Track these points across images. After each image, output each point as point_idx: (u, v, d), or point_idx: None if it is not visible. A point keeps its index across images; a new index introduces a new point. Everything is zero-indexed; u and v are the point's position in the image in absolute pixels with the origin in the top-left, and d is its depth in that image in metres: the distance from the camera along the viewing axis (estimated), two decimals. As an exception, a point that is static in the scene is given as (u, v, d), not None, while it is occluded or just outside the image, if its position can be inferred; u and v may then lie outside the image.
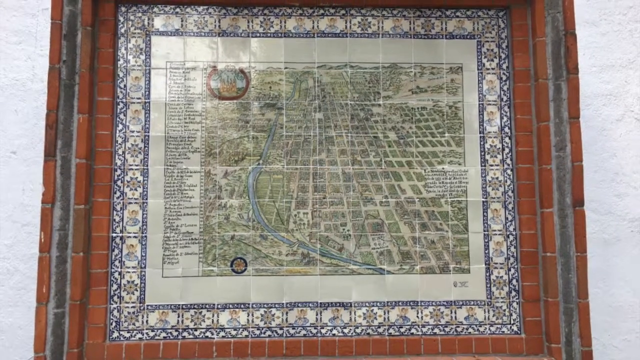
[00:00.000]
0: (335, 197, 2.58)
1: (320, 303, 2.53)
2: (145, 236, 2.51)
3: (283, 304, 2.52)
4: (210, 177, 2.56)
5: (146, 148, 2.54)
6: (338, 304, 2.54)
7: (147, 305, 2.48)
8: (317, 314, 2.53)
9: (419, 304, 2.55)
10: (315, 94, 2.62)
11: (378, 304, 2.54)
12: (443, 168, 2.61)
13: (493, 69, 2.66)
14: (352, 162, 2.60)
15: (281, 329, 2.51)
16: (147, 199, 2.53)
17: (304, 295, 2.53)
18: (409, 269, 2.56)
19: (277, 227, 2.55)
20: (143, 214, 2.52)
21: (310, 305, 2.53)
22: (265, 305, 2.52)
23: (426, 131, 2.63)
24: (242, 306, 2.51)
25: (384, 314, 2.53)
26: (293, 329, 2.51)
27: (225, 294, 2.51)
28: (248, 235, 2.54)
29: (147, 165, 2.53)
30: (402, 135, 2.62)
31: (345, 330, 2.52)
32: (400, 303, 2.54)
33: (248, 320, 2.51)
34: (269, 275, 2.53)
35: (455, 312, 2.55)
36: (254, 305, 2.52)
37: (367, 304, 2.54)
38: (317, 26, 2.65)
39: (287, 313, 2.52)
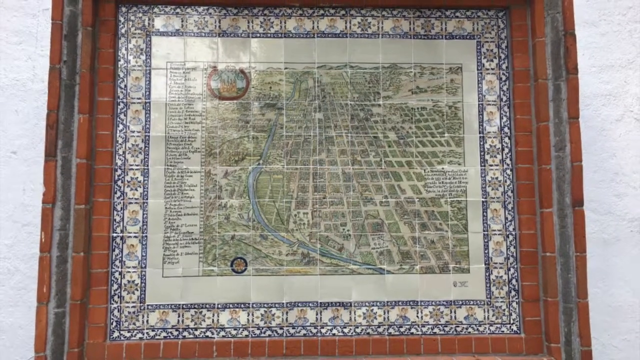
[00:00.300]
0: (335, 197, 2.57)
1: (320, 303, 2.52)
2: (146, 236, 2.50)
3: (283, 303, 2.51)
4: (211, 177, 2.55)
5: (146, 148, 2.54)
6: (338, 304, 2.53)
7: (148, 305, 2.48)
8: (317, 314, 2.52)
9: (419, 304, 2.54)
10: (315, 94, 2.61)
11: (378, 303, 2.53)
12: (443, 168, 2.60)
13: (493, 69, 2.65)
14: (352, 162, 2.59)
15: (281, 328, 2.50)
16: (147, 199, 2.52)
17: (304, 295, 2.52)
18: (409, 269, 2.55)
19: (277, 227, 2.54)
20: (143, 214, 2.51)
21: (310, 305, 2.52)
22: (265, 305, 2.51)
23: (426, 131, 2.62)
24: (242, 306, 2.50)
25: (384, 313, 2.52)
26: (293, 328, 2.50)
27: (225, 294, 2.50)
28: (248, 235, 2.53)
29: (147, 165, 2.53)
30: (402, 136, 2.61)
31: (345, 330, 2.51)
32: (400, 303, 2.53)
33: (248, 320, 2.50)
34: (269, 275, 2.52)
35: (455, 312, 2.54)
36: (254, 305, 2.51)
37: (367, 304, 2.53)
38: (317, 26, 2.64)
39: (287, 313, 2.51)
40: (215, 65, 2.60)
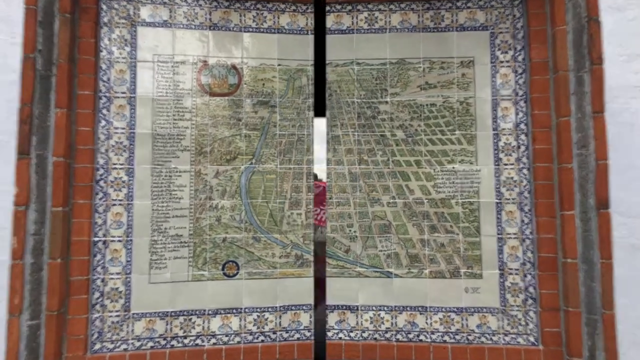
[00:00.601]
0: (341, 198, 2.42)
1: (326, 306, 2.52)
2: (131, 240, 2.32)
3: (276, 307, 2.37)
4: (201, 177, 2.38)
5: (132, 146, 2.35)
6: (344, 307, 2.46)
7: (133, 314, 2.30)
8: (310, 317, 2.41)
9: (428, 310, 2.38)
10: (309, 92, 2.47)
11: (385, 308, 2.38)
12: (453, 167, 2.43)
13: (507, 61, 2.45)
14: (358, 162, 2.45)
15: (274, 333, 2.35)
16: (132, 200, 2.34)
17: (297, 298, 2.37)
18: (418, 273, 2.41)
19: (270, 228, 2.41)
20: (128, 217, 2.32)
21: (304, 307, 2.37)
22: (258, 310, 2.37)
23: (435, 129, 2.46)
24: (234, 311, 2.37)
25: (392, 318, 2.37)
26: (286, 332, 2.35)
27: (216, 299, 2.37)
28: (240, 238, 2.39)
29: (132, 164, 2.35)
30: (411, 134, 2.45)
31: (352, 334, 2.39)
32: (408, 308, 2.38)
33: (240, 325, 2.35)
34: (262, 279, 2.39)
35: (466, 320, 2.39)
36: (247, 310, 2.37)
37: (373, 308, 2.41)
38: (311, 23, 2.49)
39: (280, 317, 2.37)
40: (205, 60, 2.44)
